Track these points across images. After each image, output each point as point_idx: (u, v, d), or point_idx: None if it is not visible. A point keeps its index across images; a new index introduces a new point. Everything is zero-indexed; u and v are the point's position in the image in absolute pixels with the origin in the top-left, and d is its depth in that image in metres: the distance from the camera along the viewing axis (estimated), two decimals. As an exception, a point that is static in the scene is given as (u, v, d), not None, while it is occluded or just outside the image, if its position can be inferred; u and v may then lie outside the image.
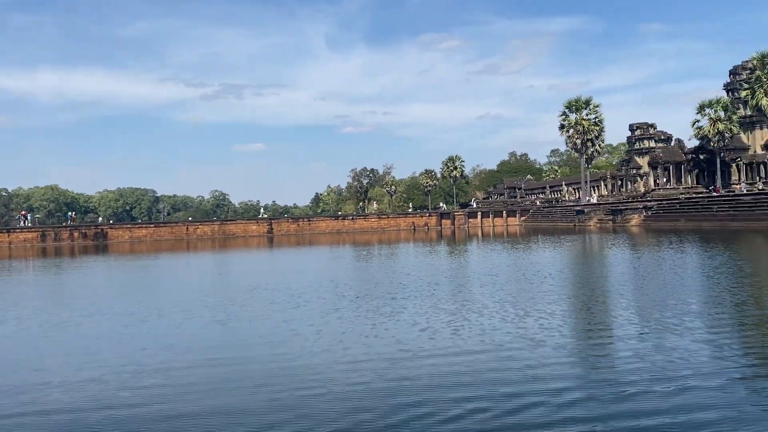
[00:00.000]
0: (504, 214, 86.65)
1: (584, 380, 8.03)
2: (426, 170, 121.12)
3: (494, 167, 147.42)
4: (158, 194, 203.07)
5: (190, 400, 7.78)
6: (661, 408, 6.76)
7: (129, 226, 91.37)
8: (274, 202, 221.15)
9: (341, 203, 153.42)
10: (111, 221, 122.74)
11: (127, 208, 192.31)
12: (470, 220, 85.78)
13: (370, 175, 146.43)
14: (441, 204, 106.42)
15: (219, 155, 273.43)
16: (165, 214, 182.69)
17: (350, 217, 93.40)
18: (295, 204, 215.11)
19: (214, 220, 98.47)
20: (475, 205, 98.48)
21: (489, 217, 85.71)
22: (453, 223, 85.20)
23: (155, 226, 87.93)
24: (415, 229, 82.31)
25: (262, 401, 7.63)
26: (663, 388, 7.43)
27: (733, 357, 8.92)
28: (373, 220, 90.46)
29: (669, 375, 7.97)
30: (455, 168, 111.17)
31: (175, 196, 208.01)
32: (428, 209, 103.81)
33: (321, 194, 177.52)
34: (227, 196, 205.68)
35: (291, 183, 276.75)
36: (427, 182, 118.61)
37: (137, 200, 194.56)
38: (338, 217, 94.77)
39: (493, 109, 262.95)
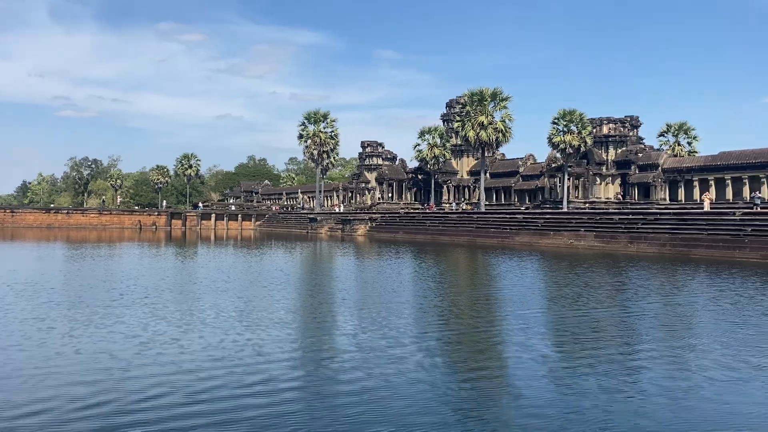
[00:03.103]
0: (239, 218, 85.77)
1: (303, 390, 8.15)
2: (158, 166, 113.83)
3: (232, 169, 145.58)
4: None
5: None
6: (366, 401, 7.17)
7: None
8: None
9: (55, 195, 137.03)
10: None
11: None
12: (203, 221, 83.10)
13: (92, 165, 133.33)
14: (200, 203, 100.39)
15: None
16: None
17: (65, 211, 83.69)
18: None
19: None
20: (204, 207, 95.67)
21: (224, 219, 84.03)
22: (184, 224, 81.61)
23: None
24: (141, 228, 76.83)
25: None
26: (368, 386, 7.90)
27: (435, 350, 9.91)
28: (92, 215, 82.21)
29: (379, 374, 8.51)
30: (190, 166, 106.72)
31: None
32: (158, 207, 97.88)
33: (30, 183, 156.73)
34: None
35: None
36: (158, 179, 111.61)
37: None
38: (50, 210, 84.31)
39: (234, 110, 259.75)
